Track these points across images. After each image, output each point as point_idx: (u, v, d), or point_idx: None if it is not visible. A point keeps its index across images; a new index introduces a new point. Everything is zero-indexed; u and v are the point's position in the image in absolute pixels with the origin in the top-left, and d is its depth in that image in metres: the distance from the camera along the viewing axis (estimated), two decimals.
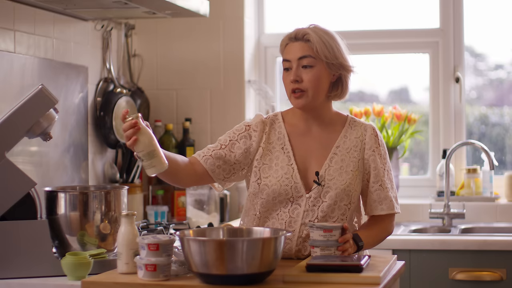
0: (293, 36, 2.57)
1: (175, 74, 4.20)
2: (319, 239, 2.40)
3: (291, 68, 2.56)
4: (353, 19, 4.36)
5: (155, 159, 2.34)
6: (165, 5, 3.35)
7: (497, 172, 4.11)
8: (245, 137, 2.61)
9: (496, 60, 4.35)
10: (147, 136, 2.34)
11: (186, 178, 2.60)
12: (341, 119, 2.65)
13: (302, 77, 2.54)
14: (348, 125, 2.63)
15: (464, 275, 3.43)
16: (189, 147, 4.06)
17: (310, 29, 2.56)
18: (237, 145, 2.60)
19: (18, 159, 3.05)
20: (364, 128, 2.63)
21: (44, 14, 3.36)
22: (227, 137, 2.62)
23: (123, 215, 2.33)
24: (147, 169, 2.36)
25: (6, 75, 3.06)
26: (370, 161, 2.60)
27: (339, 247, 2.40)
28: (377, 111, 4.18)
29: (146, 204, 4.00)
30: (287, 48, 2.58)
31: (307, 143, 2.61)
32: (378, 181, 2.60)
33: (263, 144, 2.61)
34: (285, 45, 2.59)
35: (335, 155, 2.59)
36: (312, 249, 2.41)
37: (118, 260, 2.30)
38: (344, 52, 2.58)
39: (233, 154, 2.59)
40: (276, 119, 2.65)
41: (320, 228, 2.40)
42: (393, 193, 2.63)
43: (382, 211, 2.61)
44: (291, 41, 2.57)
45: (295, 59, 2.55)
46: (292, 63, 2.55)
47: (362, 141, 2.61)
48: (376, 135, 2.62)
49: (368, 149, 2.61)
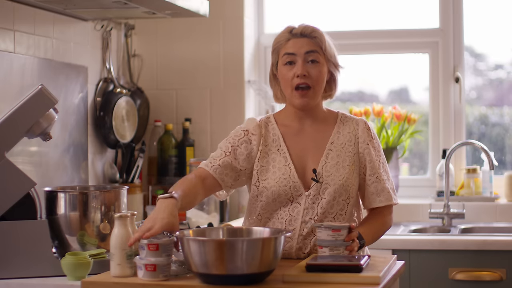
0: (298, 32, 2.56)
1: (175, 74, 4.20)
2: (327, 239, 2.39)
3: (294, 62, 2.54)
4: (352, 19, 4.36)
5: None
6: (165, 5, 3.35)
7: (496, 172, 4.12)
8: (246, 142, 2.61)
9: (496, 60, 4.35)
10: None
11: (201, 199, 2.57)
12: (332, 116, 2.66)
13: (309, 72, 2.53)
14: (340, 121, 2.64)
15: (464, 275, 3.43)
16: (188, 147, 4.06)
17: (314, 27, 2.57)
18: (239, 151, 2.59)
19: (18, 159, 3.05)
20: (356, 123, 2.64)
21: (44, 14, 3.36)
22: (228, 144, 2.60)
23: (117, 216, 2.32)
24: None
25: (6, 75, 3.06)
26: (365, 154, 2.61)
27: (347, 246, 2.40)
28: (377, 111, 4.18)
29: (146, 204, 4.00)
30: (291, 43, 2.56)
31: (302, 142, 2.62)
32: (374, 173, 2.61)
33: (261, 147, 2.61)
34: (286, 40, 2.57)
35: (331, 151, 2.59)
36: (320, 249, 2.41)
37: (111, 261, 2.30)
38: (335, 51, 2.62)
39: (237, 160, 2.58)
40: (269, 121, 2.66)
41: (329, 228, 2.39)
42: (390, 184, 2.64)
43: (381, 203, 2.61)
44: (295, 36, 2.56)
45: (301, 53, 2.53)
46: (297, 57, 2.54)
47: (356, 135, 2.62)
48: (368, 128, 2.63)
49: (362, 142, 2.61)
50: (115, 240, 2.31)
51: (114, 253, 2.30)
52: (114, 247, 2.30)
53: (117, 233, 2.32)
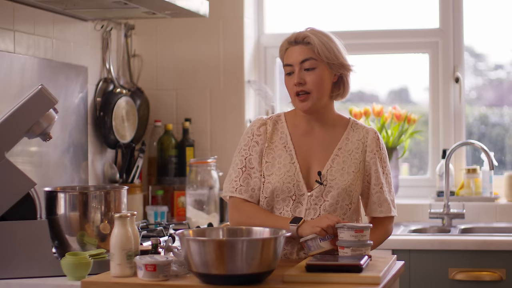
0: (292, 40, 2.59)
1: (175, 74, 4.20)
2: (350, 239, 2.40)
3: (293, 72, 2.59)
4: (352, 19, 4.35)
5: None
6: (164, 5, 3.35)
7: (496, 172, 4.11)
8: (254, 146, 2.64)
9: (495, 60, 4.35)
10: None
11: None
12: (343, 122, 2.68)
13: (306, 79, 2.57)
14: (350, 128, 2.67)
15: (464, 275, 3.43)
16: (188, 147, 4.06)
17: (309, 32, 2.59)
18: (253, 158, 2.63)
19: (18, 159, 3.06)
20: (366, 131, 2.67)
21: (43, 14, 3.36)
22: (241, 158, 2.64)
23: (116, 216, 2.33)
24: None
25: (6, 75, 3.06)
26: (371, 163, 2.64)
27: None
28: (376, 111, 4.18)
29: (146, 204, 4.00)
30: (288, 53, 2.60)
31: (309, 143, 2.64)
32: (378, 184, 2.65)
33: (267, 144, 2.64)
34: (285, 49, 2.62)
35: (337, 157, 2.62)
36: (341, 249, 2.41)
37: (111, 261, 2.30)
38: (343, 51, 2.63)
39: (254, 169, 2.62)
40: (279, 119, 2.68)
41: (352, 229, 2.40)
42: (391, 196, 2.69)
43: (381, 213, 2.67)
44: (290, 45, 2.60)
45: (297, 63, 2.58)
46: (295, 67, 2.58)
47: (364, 143, 2.65)
48: (377, 138, 2.67)
49: (369, 151, 2.64)
50: (115, 240, 2.31)
51: (114, 253, 2.30)
52: (114, 247, 2.30)
53: (117, 233, 2.32)
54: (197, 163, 3.86)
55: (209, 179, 3.82)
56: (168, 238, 2.95)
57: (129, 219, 2.34)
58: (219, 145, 4.13)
